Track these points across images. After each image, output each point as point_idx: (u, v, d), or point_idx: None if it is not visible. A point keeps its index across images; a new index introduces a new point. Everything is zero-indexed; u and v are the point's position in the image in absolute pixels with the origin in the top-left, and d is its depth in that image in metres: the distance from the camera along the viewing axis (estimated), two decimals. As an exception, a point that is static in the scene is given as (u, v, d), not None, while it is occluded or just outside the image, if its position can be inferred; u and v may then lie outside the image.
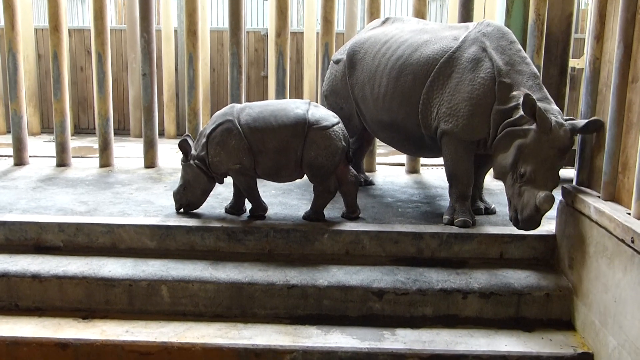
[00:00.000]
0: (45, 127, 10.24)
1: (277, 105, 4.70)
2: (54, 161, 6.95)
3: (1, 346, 3.90)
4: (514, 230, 4.59)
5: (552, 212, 4.81)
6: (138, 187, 5.84)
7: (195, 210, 4.94)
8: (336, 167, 4.66)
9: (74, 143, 8.08)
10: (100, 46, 6.83)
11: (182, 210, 4.91)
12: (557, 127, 4.11)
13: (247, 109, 4.68)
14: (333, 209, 5.01)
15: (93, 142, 8.99)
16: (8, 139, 7.93)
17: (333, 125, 4.61)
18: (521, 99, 4.13)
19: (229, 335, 3.96)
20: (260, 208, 4.82)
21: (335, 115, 4.75)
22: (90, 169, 6.71)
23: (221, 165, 4.66)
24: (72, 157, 7.09)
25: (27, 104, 9.10)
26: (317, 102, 8.78)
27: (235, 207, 4.90)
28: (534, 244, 4.54)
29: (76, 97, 10.42)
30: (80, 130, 10.53)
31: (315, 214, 4.76)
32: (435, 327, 4.13)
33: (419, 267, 4.43)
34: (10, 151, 7.14)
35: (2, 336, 3.92)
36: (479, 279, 4.27)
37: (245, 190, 4.77)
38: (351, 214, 4.85)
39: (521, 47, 4.65)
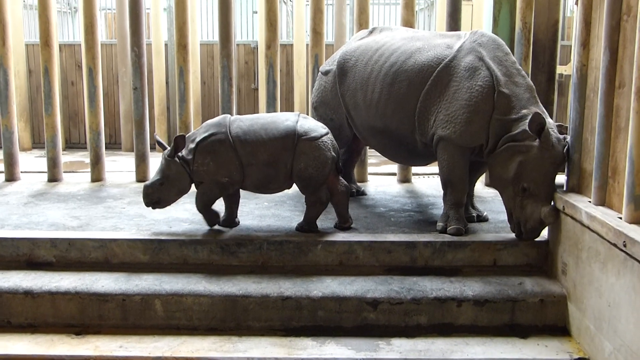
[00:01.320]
0: (37, 142, 10.22)
1: (267, 119, 4.70)
2: (45, 176, 6.93)
3: (-6, 364, 3.88)
4: (506, 237, 4.61)
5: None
6: (130, 201, 5.82)
7: (187, 225, 4.93)
8: (326, 178, 4.66)
9: (65, 158, 8.06)
10: (91, 60, 6.84)
11: (151, 207, 4.71)
12: (557, 143, 4.25)
13: (237, 122, 4.67)
14: (325, 220, 5.01)
15: (84, 157, 8.97)
16: (-1, 155, 7.90)
17: (322, 136, 4.63)
18: (530, 116, 4.19)
19: (223, 348, 3.95)
20: (212, 219, 4.79)
21: (324, 126, 4.76)
22: (81, 184, 6.69)
23: (206, 175, 4.60)
24: (64, 172, 7.07)
25: (18, 119, 9.07)
26: (308, 113, 8.80)
27: (228, 220, 4.89)
28: (527, 251, 4.55)
29: (67, 111, 10.42)
30: (72, 144, 10.51)
31: (308, 225, 4.76)
32: (431, 336, 4.13)
33: (412, 276, 4.43)
34: (1, 167, 7.11)
35: (-5, 354, 3.90)
36: (473, 286, 4.27)
37: (205, 202, 4.69)
38: (343, 224, 4.86)
39: (515, 60, 4.71)
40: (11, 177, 6.88)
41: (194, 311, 4.19)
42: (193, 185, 4.74)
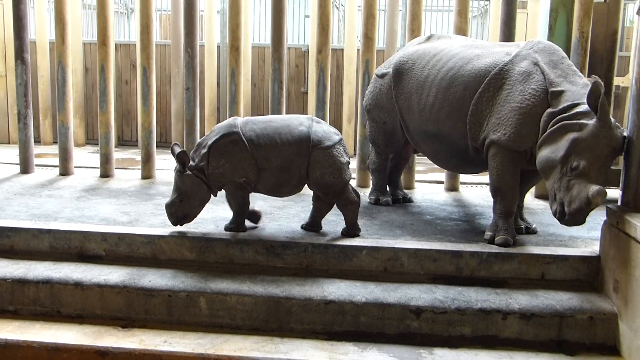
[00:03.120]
0: (90, 139, 10.48)
1: (280, 122, 4.67)
2: (97, 172, 7.11)
3: (42, 352, 3.97)
4: (555, 250, 4.51)
5: (596, 233, 4.73)
6: (179, 199, 5.90)
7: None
8: (347, 182, 4.66)
9: (117, 154, 8.25)
10: (145, 60, 6.98)
11: (178, 224, 4.70)
12: (615, 127, 4.11)
13: (249, 124, 4.65)
14: (371, 225, 4.99)
15: (135, 154, 9.16)
16: (54, 149, 8.13)
17: (335, 144, 4.62)
18: (589, 87, 4.07)
19: (265, 349, 3.97)
20: (241, 228, 4.80)
21: (337, 132, 4.75)
22: (132, 180, 6.83)
23: (223, 177, 4.61)
24: (115, 168, 7.23)
25: (74, 116, 9.32)
26: (357, 118, 8.79)
27: (246, 219, 4.91)
28: (577, 265, 4.44)
29: (120, 109, 10.64)
30: (124, 142, 10.74)
31: (351, 229, 4.76)
32: (474, 348, 4.06)
33: (457, 285, 4.37)
34: (56, 161, 7.32)
35: (44, 342, 4.00)
36: (519, 299, 4.19)
37: (239, 205, 4.73)
38: (315, 227, 4.89)
39: (572, 62, 4.62)
40: (65, 171, 7.08)
41: (237, 310, 4.22)
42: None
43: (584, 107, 4.19)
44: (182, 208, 4.63)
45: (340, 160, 4.62)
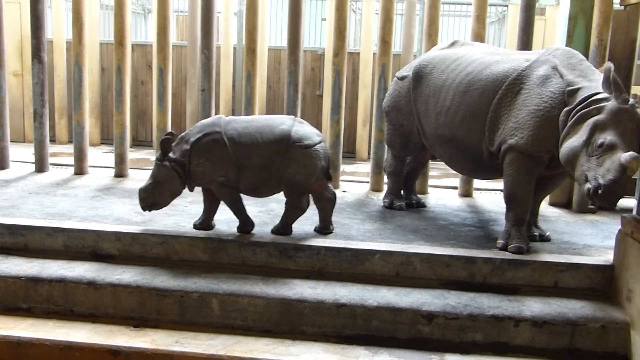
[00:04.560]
0: (105, 138, 10.54)
1: (262, 122, 4.70)
2: (112, 171, 7.15)
3: (55, 350, 4.00)
4: (569, 258, 4.49)
5: (610, 242, 4.70)
6: (192, 200, 5.93)
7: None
8: (312, 187, 4.69)
9: (131, 155, 8.28)
10: (162, 61, 7.02)
11: (147, 210, 4.80)
12: (636, 106, 4.07)
13: (232, 123, 4.68)
14: (384, 229, 4.98)
15: (150, 155, 9.20)
16: (69, 148, 8.19)
17: (315, 144, 4.63)
18: (604, 71, 4.14)
19: (276, 351, 3.97)
20: (248, 223, 4.82)
21: (319, 133, 4.76)
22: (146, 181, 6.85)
23: (204, 175, 4.65)
24: (130, 168, 7.27)
25: (89, 116, 9.39)
26: (372, 122, 8.78)
27: (204, 223, 4.91)
28: (590, 274, 4.41)
29: (136, 110, 10.70)
30: (138, 142, 10.79)
31: (283, 228, 4.80)
32: (485, 354, 4.05)
33: (470, 291, 4.36)
34: (71, 160, 7.37)
35: (57, 340, 4.03)
36: (531, 306, 4.17)
37: (231, 204, 4.76)
38: (324, 229, 4.92)
39: (591, 64, 4.60)
40: (80, 171, 7.13)
41: (249, 312, 4.23)
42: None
43: (600, 95, 4.21)
44: (152, 195, 4.72)
45: (316, 163, 4.62)
